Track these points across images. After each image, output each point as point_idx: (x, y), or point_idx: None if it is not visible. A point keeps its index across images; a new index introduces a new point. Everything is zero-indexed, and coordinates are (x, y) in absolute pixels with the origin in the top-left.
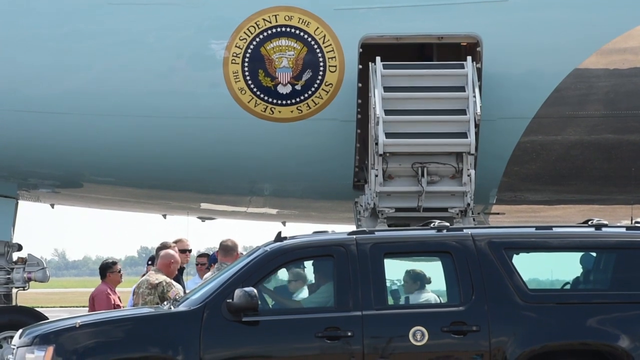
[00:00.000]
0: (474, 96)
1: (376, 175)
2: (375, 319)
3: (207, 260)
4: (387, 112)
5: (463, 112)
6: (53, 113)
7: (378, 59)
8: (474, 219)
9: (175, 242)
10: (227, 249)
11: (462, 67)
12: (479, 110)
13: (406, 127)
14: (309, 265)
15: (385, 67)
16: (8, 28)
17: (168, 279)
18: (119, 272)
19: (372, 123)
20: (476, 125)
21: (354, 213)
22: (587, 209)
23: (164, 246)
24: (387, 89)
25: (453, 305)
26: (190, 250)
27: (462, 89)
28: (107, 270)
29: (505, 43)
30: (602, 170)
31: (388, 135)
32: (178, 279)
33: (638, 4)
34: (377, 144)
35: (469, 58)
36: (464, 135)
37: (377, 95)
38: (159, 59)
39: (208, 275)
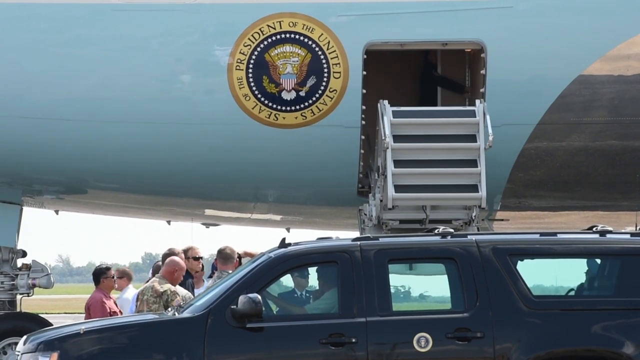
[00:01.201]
0: (485, 147)
1: (381, 201)
2: (380, 325)
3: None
4: (397, 161)
5: (474, 162)
6: (57, 119)
7: (387, 104)
8: (477, 228)
9: (186, 250)
10: (226, 257)
11: (474, 114)
12: (490, 138)
13: (415, 179)
14: (313, 271)
15: (395, 114)
16: (12, 34)
17: (173, 288)
18: (113, 277)
19: (380, 150)
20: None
21: (359, 221)
22: (592, 215)
23: (169, 253)
24: (397, 137)
25: (457, 312)
26: (201, 258)
27: (473, 137)
28: (101, 275)
29: (510, 49)
30: (607, 177)
31: (397, 188)
32: (185, 284)
33: None
34: (384, 174)
35: (479, 103)
36: (474, 188)
37: (386, 142)
38: (163, 65)
39: (209, 283)
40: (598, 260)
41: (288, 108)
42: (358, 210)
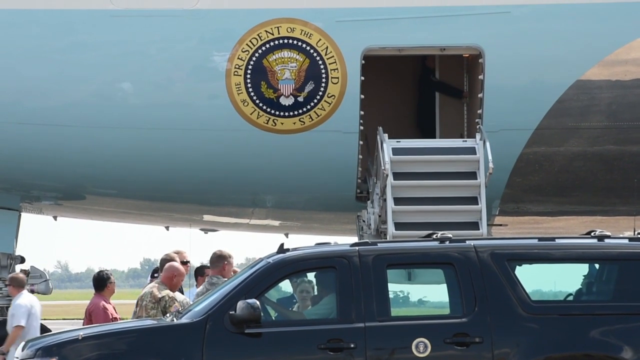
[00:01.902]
0: (486, 184)
1: (380, 216)
2: (378, 330)
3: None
4: (397, 198)
5: (474, 200)
6: (56, 125)
7: (386, 136)
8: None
9: (175, 253)
10: (212, 260)
11: (474, 151)
12: (491, 164)
13: (416, 216)
14: (311, 277)
15: (395, 152)
16: (10, 40)
17: (171, 294)
18: (114, 282)
19: (379, 172)
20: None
21: (357, 227)
22: (590, 220)
23: (168, 258)
24: (396, 175)
25: (456, 317)
26: (188, 262)
27: (473, 175)
28: (107, 281)
29: (508, 54)
30: (605, 182)
31: (398, 225)
32: (180, 290)
33: None
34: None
35: (479, 140)
36: (475, 225)
37: (388, 181)
38: (161, 70)
39: (200, 289)
40: (596, 265)
41: (286, 113)
42: (357, 216)
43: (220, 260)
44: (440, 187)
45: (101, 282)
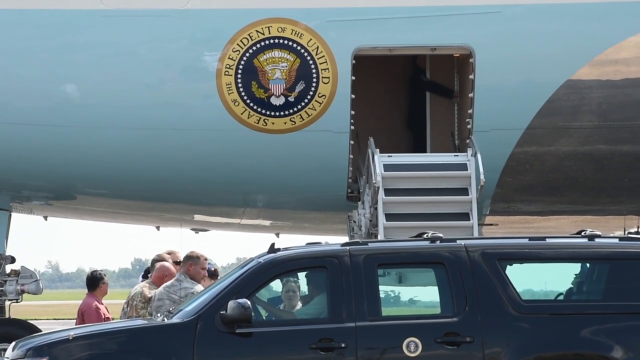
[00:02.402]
0: (477, 199)
1: (370, 220)
2: (369, 330)
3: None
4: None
5: (466, 215)
6: (46, 125)
7: (377, 151)
8: None
9: (168, 253)
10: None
11: (465, 167)
12: (482, 178)
13: (407, 232)
14: (299, 276)
15: (386, 168)
16: (1, 40)
17: None
18: (107, 283)
19: (371, 184)
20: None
21: (348, 228)
22: (580, 219)
23: (159, 259)
24: (387, 191)
25: (446, 317)
26: (180, 262)
27: (465, 191)
28: (100, 281)
29: (498, 54)
30: (595, 181)
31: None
32: None
33: (630, 15)
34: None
35: (471, 155)
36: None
37: (379, 197)
38: (152, 70)
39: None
40: (587, 265)
41: (277, 113)
42: (347, 216)
43: (186, 260)
44: (431, 203)
45: (94, 282)
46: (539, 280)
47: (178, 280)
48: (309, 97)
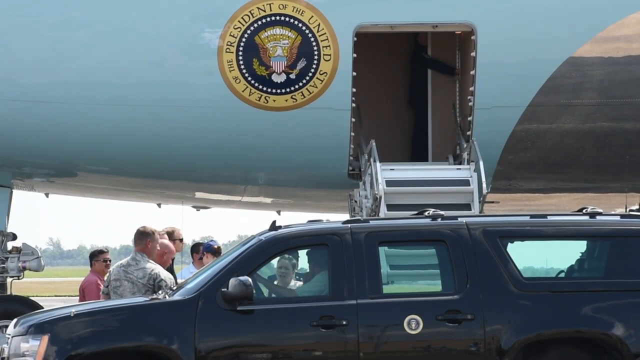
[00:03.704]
0: (481, 211)
1: (370, 207)
2: (370, 307)
3: (202, 249)
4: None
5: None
6: (47, 102)
7: (379, 165)
8: None
9: (169, 232)
10: (135, 237)
11: (468, 183)
12: (485, 188)
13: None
14: (303, 254)
15: (388, 184)
16: (1, 17)
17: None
18: (104, 261)
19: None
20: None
21: (349, 206)
22: (582, 197)
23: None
24: (390, 207)
25: (448, 294)
26: (182, 240)
27: (467, 206)
28: (93, 258)
29: (500, 31)
30: (597, 159)
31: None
32: (169, 268)
33: None
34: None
35: (472, 173)
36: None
37: (381, 212)
38: (153, 47)
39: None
40: (588, 242)
41: (278, 91)
42: (348, 195)
43: (143, 237)
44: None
45: (90, 258)
46: (540, 258)
47: (134, 259)
48: (310, 74)
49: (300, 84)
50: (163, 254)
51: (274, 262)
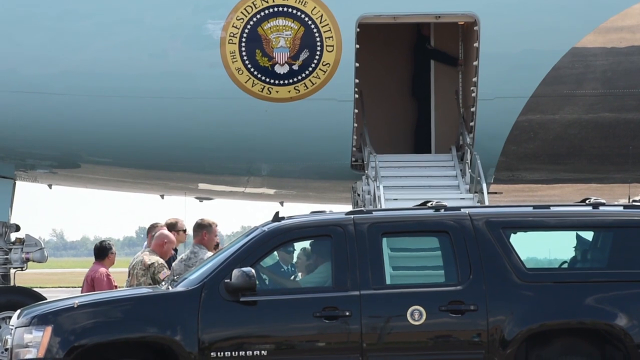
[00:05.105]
0: None
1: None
2: (373, 298)
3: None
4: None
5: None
6: (50, 94)
7: (382, 191)
8: None
9: (172, 223)
10: (194, 229)
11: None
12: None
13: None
14: (306, 245)
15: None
16: (4, 8)
17: (161, 260)
18: (115, 253)
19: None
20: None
21: (352, 199)
22: (585, 187)
23: (154, 227)
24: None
25: (451, 285)
26: (185, 230)
27: None
28: (109, 251)
29: (503, 22)
30: (600, 149)
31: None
32: (171, 258)
33: None
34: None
35: (475, 203)
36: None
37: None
38: (155, 39)
39: (183, 256)
40: (591, 233)
41: (281, 82)
42: (351, 187)
43: (200, 229)
44: None
45: (103, 252)
46: (543, 249)
47: (193, 252)
48: (313, 65)
49: (303, 75)
50: (163, 244)
51: (295, 251)
